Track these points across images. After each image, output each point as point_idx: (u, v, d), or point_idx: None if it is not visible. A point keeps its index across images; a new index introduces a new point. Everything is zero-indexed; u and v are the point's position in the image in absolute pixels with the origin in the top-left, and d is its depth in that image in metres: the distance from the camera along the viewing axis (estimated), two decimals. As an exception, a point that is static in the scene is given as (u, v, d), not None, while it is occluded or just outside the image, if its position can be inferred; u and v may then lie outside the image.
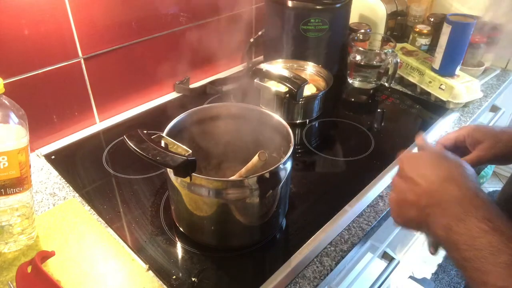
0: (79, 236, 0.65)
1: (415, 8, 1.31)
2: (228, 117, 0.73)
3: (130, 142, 0.55)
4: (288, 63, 1.04)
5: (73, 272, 0.59)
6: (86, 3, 0.82)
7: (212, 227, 0.62)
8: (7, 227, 0.60)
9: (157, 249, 0.64)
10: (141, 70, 0.99)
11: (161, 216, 0.70)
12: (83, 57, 0.86)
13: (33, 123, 0.63)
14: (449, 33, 0.99)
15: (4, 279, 0.58)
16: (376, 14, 1.20)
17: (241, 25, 1.16)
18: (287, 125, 0.66)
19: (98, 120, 0.95)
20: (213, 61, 1.16)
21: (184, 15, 1.01)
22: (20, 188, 0.59)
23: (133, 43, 0.94)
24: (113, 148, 0.87)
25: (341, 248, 0.66)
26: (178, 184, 0.59)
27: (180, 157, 0.53)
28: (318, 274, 0.62)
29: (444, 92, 1.04)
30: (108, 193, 0.75)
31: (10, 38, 0.74)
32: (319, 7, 1.01)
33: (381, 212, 0.73)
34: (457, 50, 1.02)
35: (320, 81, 1.02)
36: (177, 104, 1.04)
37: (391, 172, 0.82)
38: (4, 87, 0.56)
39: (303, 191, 0.77)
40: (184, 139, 0.65)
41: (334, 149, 0.91)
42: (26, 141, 0.59)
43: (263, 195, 0.59)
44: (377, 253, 0.89)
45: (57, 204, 0.72)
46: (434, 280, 1.81)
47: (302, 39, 1.04)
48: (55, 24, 0.79)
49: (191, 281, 0.59)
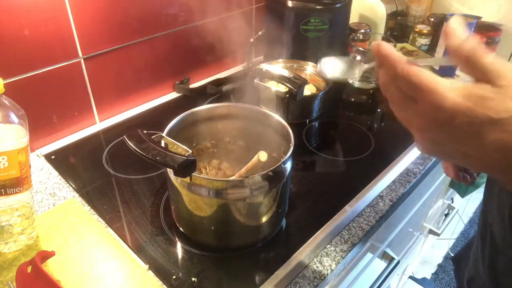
0: (79, 236, 0.65)
1: (415, 8, 1.31)
2: (228, 117, 0.73)
3: (130, 142, 0.55)
4: (288, 63, 1.04)
5: (73, 272, 0.59)
6: (86, 3, 0.82)
7: (212, 227, 0.62)
8: (7, 227, 0.60)
9: (157, 249, 0.64)
10: (141, 70, 0.99)
11: (161, 216, 0.70)
12: (83, 57, 0.86)
13: (33, 123, 0.63)
14: (449, 33, 0.99)
15: (4, 279, 0.58)
16: (376, 14, 1.20)
17: (241, 25, 1.15)
18: (287, 125, 0.66)
19: (98, 120, 0.95)
20: (213, 61, 1.16)
21: (184, 15, 1.01)
22: (20, 188, 0.59)
23: (133, 43, 0.94)
24: (113, 148, 0.87)
25: (341, 248, 0.66)
26: (178, 184, 0.59)
27: (180, 157, 0.53)
28: (318, 274, 0.62)
29: (444, 92, 1.04)
30: (108, 193, 0.75)
31: (10, 38, 0.74)
32: (319, 7, 1.01)
33: (381, 212, 0.73)
34: (457, 50, 1.02)
35: (320, 81, 1.02)
36: (177, 104, 1.04)
37: (391, 172, 0.82)
38: (4, 87, 0.56)
39: (303, 191, 0.77)
40: (184, 139, 0.65)
41: (334, 149, 0.91)
42: (26, 141, 0.59)
43: (263, 195, 0.59)
44: (377, 253, 0.89)
45: (57, 204, 0.72)
46: (434, 280, 1.81)
47: (302, 39, 1.04)
48: (55, 24, 0.79)
49: (191, 281, 0.59)
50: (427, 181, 0.93)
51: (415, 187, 0.83)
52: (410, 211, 1.05)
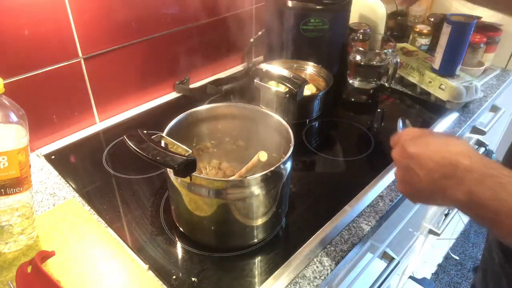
0: (79, 236, 0.65)
1: (415, 8, 1.31)
2: (228, 117, 0.73)
3: (130, 142, 0.55)
4: (288, 63, 1.04)
5: (73, 272, 0.59)
6: (86, 3, 0.82)
7: (212, 227, 0.62)
8: (7, 227, 0.60)
9: (157, 249, 0.64)
10: (141, 70, 0.99)
11: (161, 216, 0.70)
12: (83, 57, 0.86)
13: (33, 123, 0.63)
14: (449, 33, 0.99)
15: (4, 279, 0.58)
16: (376, 14, 1.20)
17: (241, 25, 1.16)
18: (287, 125, 0.66)
19: (98, 120, 0.95)
20: (213, 61, 1.16)
21: (184, 15, 1.01)
22: (20, 188, 0.59)
23: (133, 43, 0.94)
24: (113, 148, 0.87)
25: (341, 248, 0.66)
26: (178, 184, 0.59)
27: (180, 157, 0.53)
28: (318, 274, 0.62)
29: (444, 92, 1.04)
30: (108, 193, 0.75)
31: (10, 38, 0.74)
32: (319, 7, 1.01)
33: (381, 212, 0.73)
34: (457, 50, 1.02)
35: (320, 81, 1.02)
36: (177, 104, 1.04)
37: (391, 172, 0.82)
38: (4, 87, 0.56)
39: (303, 191, 0.77)
40: (184, 139, 0.65)
41: (334, 149, 0.91)
42: (26, 141, 0.59)
43: (263, 195, 0.59)
44: (377, 253, 0.89)
45: (57, 204, 0.72)
46: (434, 280, 1.81)
47: (302, 39, 1.04)
48: (55, 24, 0.79)
49: (191, 281, 0.59)
50: (427, 181, 0.93)
51: (415, 187, 0.83)
52: (410, 211, 1.05)
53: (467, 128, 1.01)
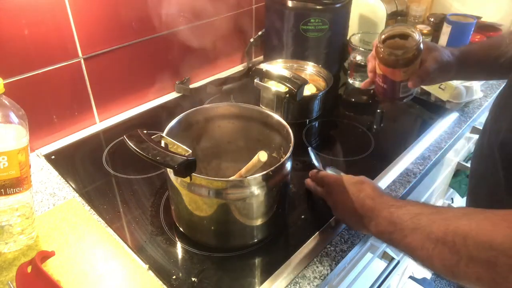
0: (79, 236, 0.65)
1: (415, 8, 1.31)
2: (228, 117, 0.73)
3: (130, 142, 0.55)
4: (288, 63, 1.04)
5: (73, 272, 0.59)
6: (86, 3, 0.82)
7: (212, 227, 0.62)
8: (7, 227, 0.60)
9: (157, 249, 0.64)
10: (141, 70, 0.99)
11: (161, 216, 0.70)
12: (83, 57, 0.86)
13: (33, 123, 0.63)
14: (449, 33, 0.99)
15: (4, 279, 0.58)
16: (376, 14, 1.20)
17: (241, 25, 1.16)
18: (287, 125, 0.66)
19: (98, 120, 0.95)
20: (213, 61, 1.16)
21: (184, 15, 1.01)
22: (20, 188, 0.59)
23: (133, 43, 0.94)
24: (113, 148, 0.87)
25: (341, 248, 0.66)
26: (178, 184, 0.59)
27: (180, 157, 0.53)
28: (318, 274, 0.62)
29: (444, 92, 1.04)
30: (108, 193, 0.75)
31: (10, 38, 0.74)
32: (319, 7, 1.01)
33: (381, 212, 0.73)
34: (457, 50, 1.02)
35: (320, 81, 1.02)
36: (177, 104, 1.04)
37: (391, 172, 0.82)
38: (4, 87, 0.56)
39: (303, 191, 0.77)
40: (184, 139, 0.65)
41: (334, 149, 0.91)
42: (26, 141, 0.59)
43: (263, 195, 0.59)
44: (377, 253, 0.89)
45: (57, 204, 0.72)
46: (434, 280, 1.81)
47: (302, 39, 1.04)
48: (55, 24, 0.79)
49: (191, 281, 0.59)
50: (426, 181, 0.94)
51: (415, 187, 0.83)
52: (410, 211, 1.04)
53: (467, 128, 1.01)
